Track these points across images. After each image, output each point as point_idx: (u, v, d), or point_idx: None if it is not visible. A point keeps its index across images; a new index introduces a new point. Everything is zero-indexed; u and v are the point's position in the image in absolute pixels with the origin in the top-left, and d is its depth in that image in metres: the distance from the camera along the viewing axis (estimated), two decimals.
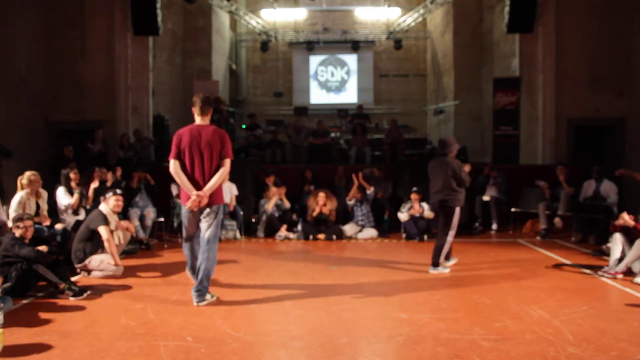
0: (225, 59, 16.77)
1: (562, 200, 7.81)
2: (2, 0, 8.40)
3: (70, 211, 6.40)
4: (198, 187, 4.30)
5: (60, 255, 5.19)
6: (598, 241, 6.84)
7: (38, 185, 5.78)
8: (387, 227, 8.32)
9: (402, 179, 8.87)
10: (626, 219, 5.28)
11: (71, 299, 4.44)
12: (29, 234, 4.73)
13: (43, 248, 4.79)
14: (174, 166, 4.37)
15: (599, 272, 5.27)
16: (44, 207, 5.94)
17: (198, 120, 4.48)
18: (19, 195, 5.63)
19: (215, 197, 4.34)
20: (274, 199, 7.97)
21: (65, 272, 4.67)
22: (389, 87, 18.68)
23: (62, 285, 4.49)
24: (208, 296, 4.34)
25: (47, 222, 5.83)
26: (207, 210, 4.33)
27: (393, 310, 4.16)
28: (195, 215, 4.39)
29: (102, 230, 5.28)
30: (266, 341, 3.51)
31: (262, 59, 18.85)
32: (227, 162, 4.36)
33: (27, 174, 5.73)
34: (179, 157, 4.39)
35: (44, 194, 6.01)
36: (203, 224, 4.36)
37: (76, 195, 6.43)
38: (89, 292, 4.58)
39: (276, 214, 8.01)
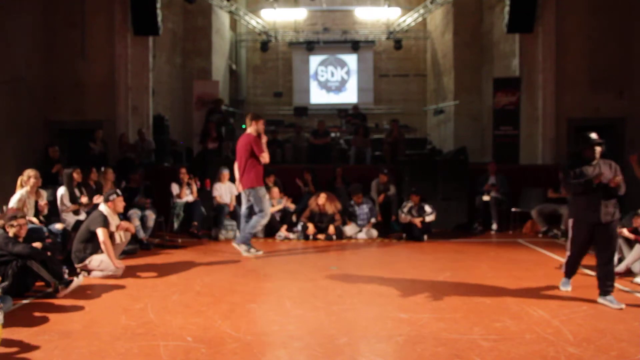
0: (225, 59, 16.76)
1: (564, 219, 7.71)
2: (1, 0, 8.39)
3: (68, 211, 6.41)
4: (240, 177, 6.49)
5: (55, 252, 5.21)
6: None
7: (37, 184, 5.79)
8: (399, 230, 7.98)
9: (402, 179, 8.86)
10: (626, 234, 5.31)
11: (63, 292, 4.49)
12: (23, 232, 4.73)
13: (37, 245, 4.79)
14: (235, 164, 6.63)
15: None
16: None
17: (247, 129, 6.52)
18: (19, 193, 5.63)
19: (244, 182, 6.45)
20: (278, 207, 7.96)
21: (58, 270, 4.69)
22: (389, 87, 18.67)
23: (54, 284, 4.49)
24: (253, 250, 6.46)
25: (45, 211, 5.86)
26: (244, 192, 6.56)
27: (393, 310, 4.16)
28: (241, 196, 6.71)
29: (100, 233, 5.27)
30: (266, 341, 3.51)
31: (262, 59, 18.85)
32: (260, 157, 6.34)
33: (28, 172, 5.74)
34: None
35: (43, 193, 6.01)
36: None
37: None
38: (79, 279, 4.78)
39: (277, 217, 8.00)
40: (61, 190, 6.44)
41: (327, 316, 4.01)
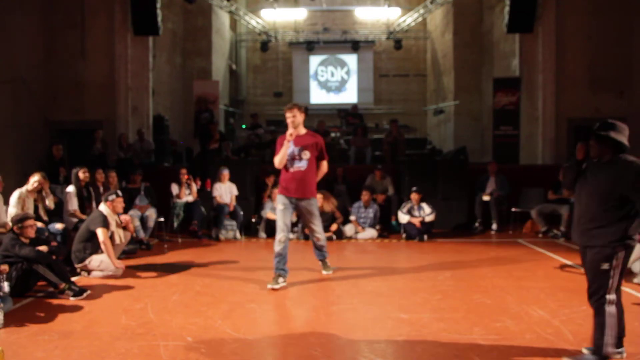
0: (225, 59, 16.76)
1: (564, 219, 7.70)
2: (1, 0, 8.39)
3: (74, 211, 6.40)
4: None
5: (60, 255, 5.19)
6: None
7: (39, 187, 5.79)
8: (398, 230, 7.98)
9: (402, 179, 8.87)
10: None
11: (71, 298, 4.44)
12: (31, 234, 4.73)
13: (43, 248, 4.79)
14: None
15: None
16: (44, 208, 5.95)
17: None
18: (18, 192, 5.64)
19: None
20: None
21: (65, 272, 4.68)
22: (389, 87, 18.67)
23: (62, 285, 4.49)
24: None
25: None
26: None
27: (393, 310, 4.16)
28: None
29: (100, 233, 5.27)
30: (266, 341, 3.51)
31: (262, 59, 18.85)
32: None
33: (35, 174, 5.77)
34: None
35: (48, 197, 6.00)
36: None
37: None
38: (88, 292, 4.58)
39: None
40: (70, 189, 6.45)
41: (327, 316, 4.01)
